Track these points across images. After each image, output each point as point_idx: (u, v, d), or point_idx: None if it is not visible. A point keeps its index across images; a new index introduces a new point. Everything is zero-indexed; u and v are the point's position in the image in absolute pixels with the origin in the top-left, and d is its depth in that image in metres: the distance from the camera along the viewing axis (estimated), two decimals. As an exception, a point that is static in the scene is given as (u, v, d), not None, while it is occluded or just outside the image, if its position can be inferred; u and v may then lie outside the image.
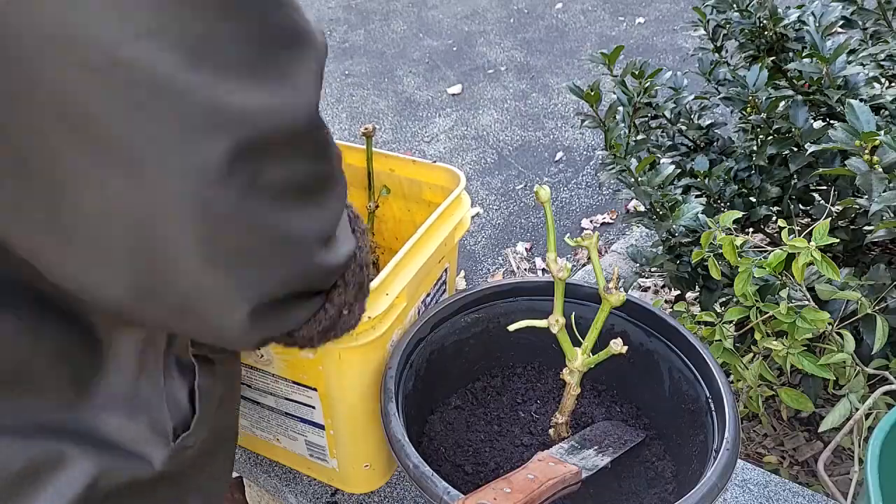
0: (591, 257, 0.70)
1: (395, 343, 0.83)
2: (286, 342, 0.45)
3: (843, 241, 1.04)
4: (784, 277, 0.93)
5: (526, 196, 2.45)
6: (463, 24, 3.80)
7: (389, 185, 1.01)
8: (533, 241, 2.25)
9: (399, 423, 0.72)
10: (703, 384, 0.80)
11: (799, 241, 0.86)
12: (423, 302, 0.89)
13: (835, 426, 0.88)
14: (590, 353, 0.75)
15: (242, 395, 0.90)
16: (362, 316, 0.50)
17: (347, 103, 3.16)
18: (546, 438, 0.87)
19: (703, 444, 0.77)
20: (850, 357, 0.88)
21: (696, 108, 1.28)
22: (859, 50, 1.11)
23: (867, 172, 0.81)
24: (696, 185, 1.16)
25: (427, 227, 0.81)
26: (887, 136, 0.79)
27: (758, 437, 1.33)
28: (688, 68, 2.15)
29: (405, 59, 3.51)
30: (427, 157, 2.67)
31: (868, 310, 0.88)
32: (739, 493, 0.93)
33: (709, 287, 1.14)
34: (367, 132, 0.95)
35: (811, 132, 1.03)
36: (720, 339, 0.96)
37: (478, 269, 2.17)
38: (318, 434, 0.86)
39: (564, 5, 3.86)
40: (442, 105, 3.06)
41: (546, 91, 3.08)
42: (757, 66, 1.07)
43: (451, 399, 0.94)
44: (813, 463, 1.26)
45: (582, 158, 2.61)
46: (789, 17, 1.14)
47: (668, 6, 3.68)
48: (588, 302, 0.89)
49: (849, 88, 1.01)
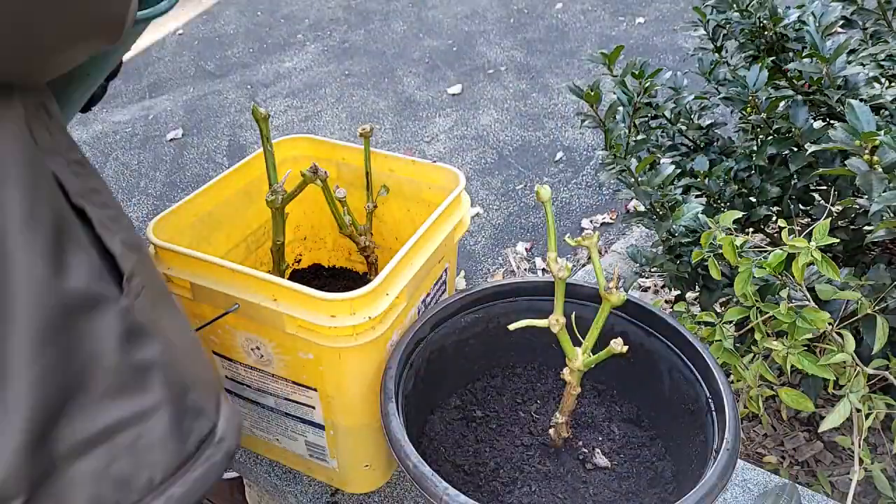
0: (591, 257, 0.70)
1: (395, 343, 0.83)
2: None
3: (843, 241, 1.04)
4: (784, 277, 0.93)
5: (526, 196, 2.45)
6: (463, 24, 3.80)
7: (389, 185, 1.01)
8: (533, 241, 2.25)
9: (399, 423, 0.72)
10: (703, 384, 0.80)
11: (799, 241, 0.86)
12: (423, 302, 0.89)
13: (834, 426, 0.88)
14: (590, 352, 0.75)
15: (242, 395, 0.90)
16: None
17: (347, 103, 3.16)
18: (546, 438, 0.87)
19: (703, 444, 0.77)
20: (850, 357, 0.88)
21: (696, 108, 1.28)
22: (859, 50, 1.11)
23: (867, 172, 0.81)
24: (696, 185, 1.16)
25: (427, 227, 0.81)
26: (887, 136, 0.79)
27: (758, 437, 1.33)
28: (688, 68, 2.15)
29: (405, 59, 3.51)
30: (427, 157, 2.67)
31: (868, 310, 0.88)
32: (739, 492, 0.93)
33: (709, 287, 1.14)
34: (365, 133, 0.95)
35: (811, 132, 1.03)
36: (720, 339, 0.96)
37: (478, 269, 2.17)
38: (318, 434, 0.86)
39: (564, 5, 3.86)
40: (442, 105, 3.06)
41: (546, 91, 3.08)
42: (757, 66, 1.07)
43: (451, 399, 0.94)
44: (813, 463, 1.26)
45: (582, 158, 2.61)
46: (789, 17, 1.14)
47: (668, 6, 3.68)
48: (588, 302, 0.89)
49: (849, 88, 1.01)
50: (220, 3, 4.53)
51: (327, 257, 1.20)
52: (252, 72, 3.58)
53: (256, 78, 3.51)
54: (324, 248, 1.19)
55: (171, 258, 0.78)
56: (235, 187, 0.97)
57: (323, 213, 1.08)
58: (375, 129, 2.87)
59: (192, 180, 2.71)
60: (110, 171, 2.87)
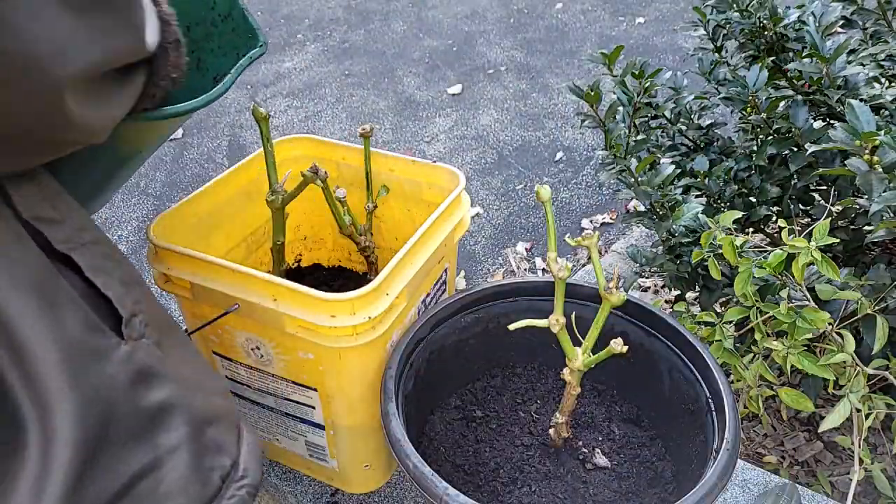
0: (591, 257, 0.70)
1: (395, 343, 0.83)
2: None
3: (843, 241, 1.04)
4: (784, 277, 0.93)
5: (526, 196, 2.45)
6: (463, 24, 3.80)
7: (389, 185, 1.00)
8: (533, 241, 2.25)
9: (399, 423, 0.72)
10: (703, 384, 0.80)
11: (799, 241, 0.86)
12: (423, 302, 0.89)
13: (835, 426, 0.88)
14: (590, 352, 0.75)
15: (242, 395, 0.90)
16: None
17: (347, 103, 3.16)
18: (546, 438, 0.87)
19: (702, 444, 0.77)
20: (850, 357, 0.88)
21: (696, 108, 1.28)
22: (859, 50, 1.11)
23: (867, 172, 0.80)
24: (696, 185, 1.16)
25: (427, 227, 0.81)
26: (887, 136, 0.79)
27: (758, 437, 1.32)
28: (688, 68, 2.15)
29: (405, 59, 3.51)
30: (427, 157, 2.67)
31: (868, 310, 0.88)
32: (739, 492, 0.93)
33: (709, 287, 1.14)
34: (365, 133, 0.95)
35: (811, 132, 1.03)
36: (720, 339, 0.96)
37: (478, 269, 2.17)
38: (318, 434, 0.86)
39: (564, 5, 3.86)
40: (442, 105, 3.06)
41: (546, 91, 3.08)
42: (757, 66, 1.07)
43: (451, 399, 0.94)
44: (813, 463, 1.26)
45: (582, 158, 2.61)
46: (789, 17, 1.14)
47: (668, 6, 3.68)
48: (588, 302, 0.89)
49: (849, 88, 1.01)
50: (220, 3, 4.52)
51: (327, 257, 1.20)
52: (252, 72, 3.58)
53: (256, 78, 3.51)
54: (324, 247, 1.19)
55: (171, 258, 0.78)
56: (235, 187, 0.97)
57: (323, 213, 1.08)
58: (375, 129, 2.87)
59: (192, 180, 2.71)
60: (110, 171, 2.87)
